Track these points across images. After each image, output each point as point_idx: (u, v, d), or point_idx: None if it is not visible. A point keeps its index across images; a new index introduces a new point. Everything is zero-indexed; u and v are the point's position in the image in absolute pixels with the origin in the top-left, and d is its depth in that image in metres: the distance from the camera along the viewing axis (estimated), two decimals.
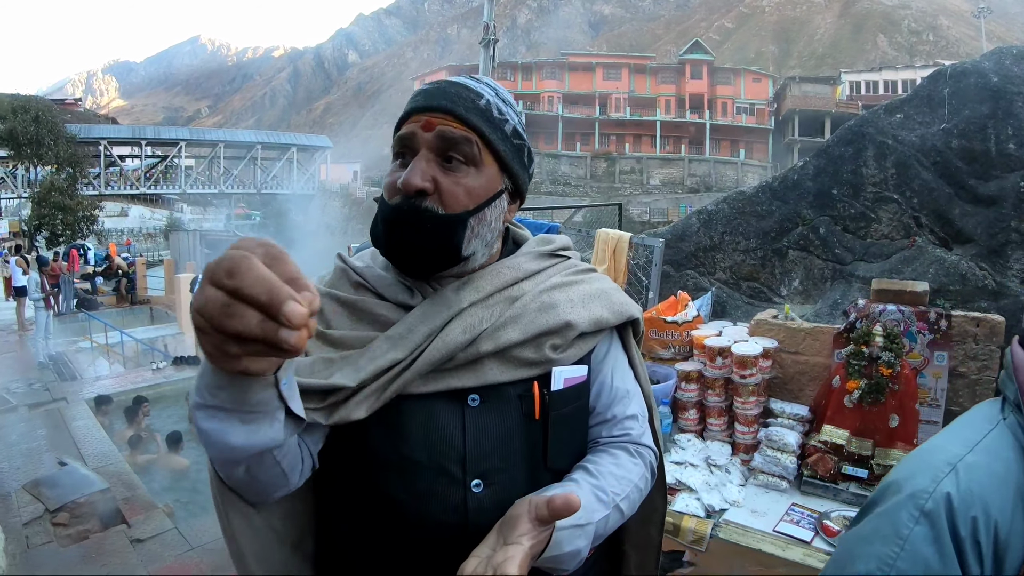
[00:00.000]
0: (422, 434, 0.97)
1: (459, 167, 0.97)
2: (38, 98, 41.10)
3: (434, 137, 0.96)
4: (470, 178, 0.98)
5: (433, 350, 0.96)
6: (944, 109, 3.69)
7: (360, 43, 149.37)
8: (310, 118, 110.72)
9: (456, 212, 0.97)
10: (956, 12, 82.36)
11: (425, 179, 0.94)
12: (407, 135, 0.98)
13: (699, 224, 4.34)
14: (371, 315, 1.03)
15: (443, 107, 0.97)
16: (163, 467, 7.26)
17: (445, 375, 0.98)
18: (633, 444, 1.12)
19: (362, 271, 1.08)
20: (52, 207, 28.79)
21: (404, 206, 0.95)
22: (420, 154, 0.96)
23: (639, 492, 1.09)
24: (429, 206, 0.95)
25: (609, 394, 1.13)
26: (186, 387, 10.01)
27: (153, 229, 41.92)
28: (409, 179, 0.94)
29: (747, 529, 2.25)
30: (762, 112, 55.30)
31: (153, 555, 4.54)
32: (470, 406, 0.99)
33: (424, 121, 0.97)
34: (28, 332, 13.09)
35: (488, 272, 1.05)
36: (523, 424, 1.02)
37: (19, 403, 8.42)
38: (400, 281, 1.05)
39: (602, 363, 1.13)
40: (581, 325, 1.05)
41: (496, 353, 1.00)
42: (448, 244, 0.97)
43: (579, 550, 0.93)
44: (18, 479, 5.74)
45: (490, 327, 0.99)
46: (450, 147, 0.96)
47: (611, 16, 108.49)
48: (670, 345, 3.07)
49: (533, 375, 1.02)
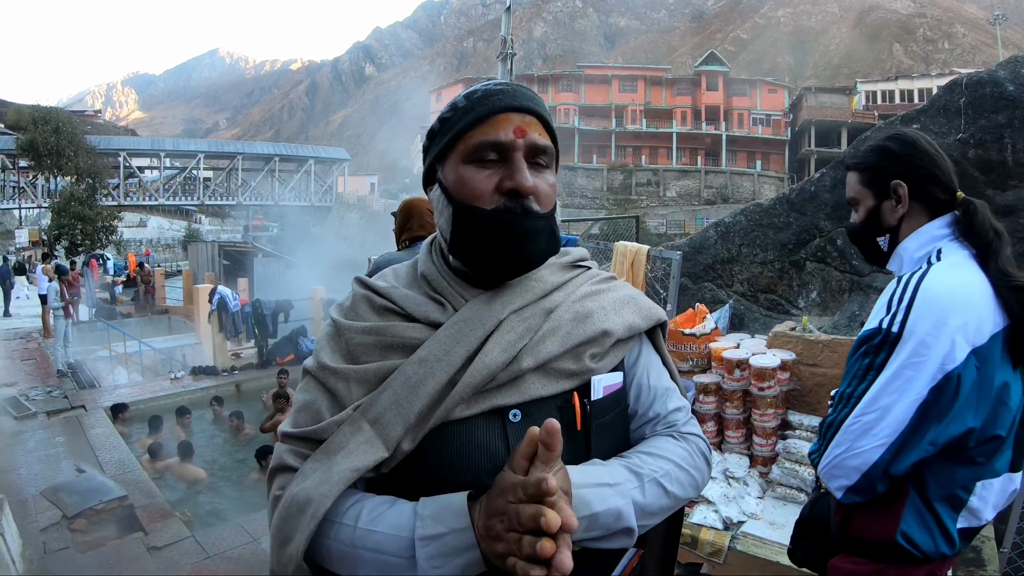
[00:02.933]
0: (464, 455, 0.94)
1: (543, 170, 1.00)
2: (59, 109, 41.70)
3: (527, 143, 0.97)
4: (551, 178, 1.02)
5: (474, 373, 0.94)
6: (960, 119, 3.67)
7: (377, 56, 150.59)
8: (328, 131, 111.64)
9: (549, 211, 1.00)
10: (972, 20, 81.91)
11: (532, 181, 0.97)
12: (505, 143, 0.97)
13: (716, 236, 4.33)
14: (402, 340, 1.00)
15: (531, 109, 1.00)
16: (179, 477, 7.29)
17: (487, 395, 0.96)
18: (678, 432, 1.10)
19: (387, 292, 1.06)
20: (72, 217, 29.21)
21: (516, 208, 0.96)
22: (517, 158, 0.97)
23: (686, 473, 1.05)
24: (534, 207, 0.97)
25: (649, 394, 1.11)
26: (203, 396, 10.10)
27: (171, 240, 42.41)
28: (525, 181, 0.95)
29: (765, 542, 2.23)
30: (778, 123, 55.15)
31: (170, 563, 4.56)
32: (512, 422, 0.97)
33: (516, 127, 0.97)
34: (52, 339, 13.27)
35: (517, 284, 1.04)
36: (565, 436, 0.92)
37: (38, 410, 8.51)
38: (430, 298, 1.03)
39: (635, 366, 1.12)
40: (617, 332, 1.05)
41: (537, 368, 0.98)
42: (552, 241, 1.01)
43: (617, 510, 0.90)
44: (36, 485, 5.80)
45: (530, 342, 0.98)
46: (538, 152, 0.99)
47: (627, 28, 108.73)
48: (688, 357, 3.06)
49: (573, 386, 1.00)
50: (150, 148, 45.75)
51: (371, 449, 0.91)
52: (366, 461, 0.91)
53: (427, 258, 1.10)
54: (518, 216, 0.95)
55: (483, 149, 0.97)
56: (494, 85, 1.02)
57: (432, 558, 0.82)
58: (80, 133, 35.78)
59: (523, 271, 1.02)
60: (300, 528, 0.89)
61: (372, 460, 0.91)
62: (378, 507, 0.90)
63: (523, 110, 0.99)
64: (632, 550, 1.08)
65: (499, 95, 1.00)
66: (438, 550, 0.82)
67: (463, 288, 1.03)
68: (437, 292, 1.04)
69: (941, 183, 1.50)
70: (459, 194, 0.99)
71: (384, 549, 0.85)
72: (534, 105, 1.01)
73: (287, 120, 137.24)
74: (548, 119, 1.03)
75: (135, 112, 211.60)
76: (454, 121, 1.01)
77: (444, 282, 1.04)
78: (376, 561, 0.86)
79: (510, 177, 0.95)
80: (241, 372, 11.55)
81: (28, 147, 32.38)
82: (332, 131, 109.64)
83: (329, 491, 0.89)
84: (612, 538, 0.91)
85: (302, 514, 0.89)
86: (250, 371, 11.60)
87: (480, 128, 0.98)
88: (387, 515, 0.88)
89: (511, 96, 1.00)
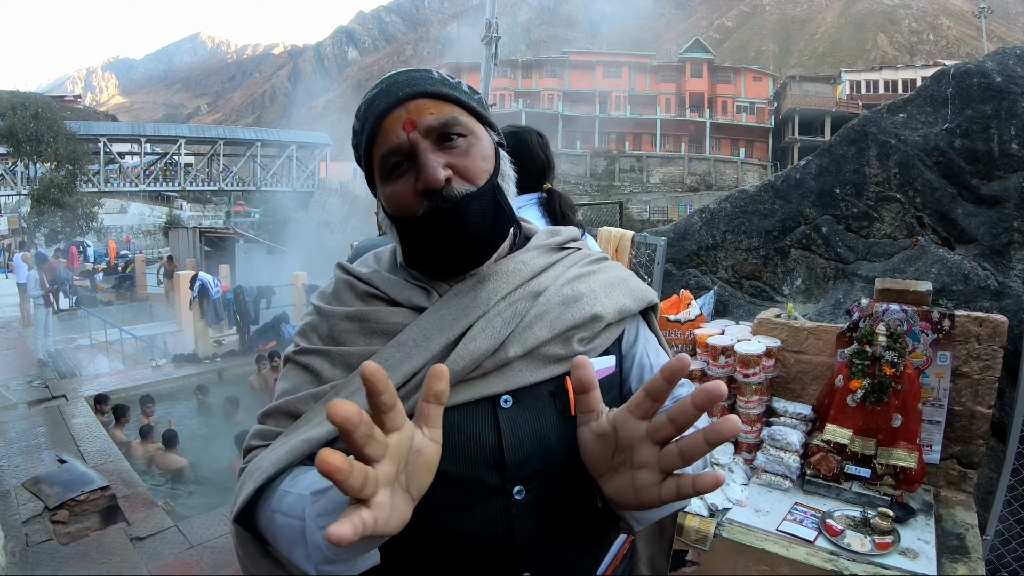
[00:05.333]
0: (451, 443, 0.83)
1: (459, 142, 0.93)
2: (38, 95, 40.93)
3: (423, 131, 0.91)
4: (475, 147, 0.95)
5: (457, 360, 0.90)
6: (947, 109, 3.68)
7: (360, 40, 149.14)
8: (310, 115, 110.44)
9: (484, 182, 0.94)
10: (957, 12, 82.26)
11: (443, 168, 0.90)
12: (401, 145, 0.91)
13: (701, 223, 4.33)
14: (385, 325, 0.96)
15: (412, 93, 0.93)
16: (161, 466, 7.24)
17: (473, 383, 0.92)
18: None
19: (369, 278, 1.02)
20: (51, 204, 28.81)
21: (442, 204, 0.90)
22: (421, 152, 0.91)
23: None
24: (460, 189, 0.91)
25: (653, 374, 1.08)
26: (185, 384, 10.03)
27: (152, 226, 41.84)
28: (430, 175, 0.89)
29: (750, 528, 2.24)
30: (762, 111, 55.24)
31: (153, 553, 4.53)
32: (503, 407, 0.93)
33: (404, 123, 0.91)
34: (32, 328, 13.12)
35: (503, 268, 1.00)
36: (559, 422, 0.95)
37: (19, 400, 8.41)
38: (413, 282, 1.00)
39: (634, 347, 1.09)
40: (607, 316, 1.01)
41: (524, 355, 0.94)
42: (500, 213, 0.95)
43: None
44: (17, 476, 5.73)
45: (516, 328, 0.94)
46: (442, 130, 0.92)
47: (611, 14, 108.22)
48: (673, 344, 3.06)
49: (563, 371, 0.96)
50: (130, 133, 44.97)
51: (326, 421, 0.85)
52: (319, 433, 0.87)
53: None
54: (445, 211, 0.90)
55: (388, 159, 0.93)
56: (372, 89, 0.97)
57: (318, 516, 0.72)
58: (59, 119, 35.18)
59: (481, 258, 0.97)
60: (242, 493, 0.85)
61: (325, 432, 0.86)
62: (307, 468, 0.84)
63: (405, 99, 0.92)
64: (623, 536, 1.08)
65: (377, 99, 0.95)
66: (323, 506, 0.72)
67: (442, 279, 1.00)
68: (418, 280, 1.00)
69: (530, 172, 2.00)
70: (392, 211, 0.96)
71: (292, 511, 0.78)
72: (415, 87, 0.93)
73: (269, 105, 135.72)
74: (441, 89, 0.95)
75: (115, 97, 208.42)
76: (357, 146, 0.98)
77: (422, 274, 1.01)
78: (287, 526, 0.78)
79: (418, 178, 0.90)
80: (223, 359, 11.47)
81: (6, 133, 31.77)
82: (315, 116, 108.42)
83: (277, 459, 0.85)
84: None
85: (249, 479, 0.86)
86: (232, 358, 11.52)
87: (377, 142, 0.94)
88: (309, 474, 0.81)
89: (387, 92, 0.94)
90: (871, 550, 2.06)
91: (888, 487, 2.37)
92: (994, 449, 2.80)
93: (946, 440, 2.54)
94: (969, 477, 2.54)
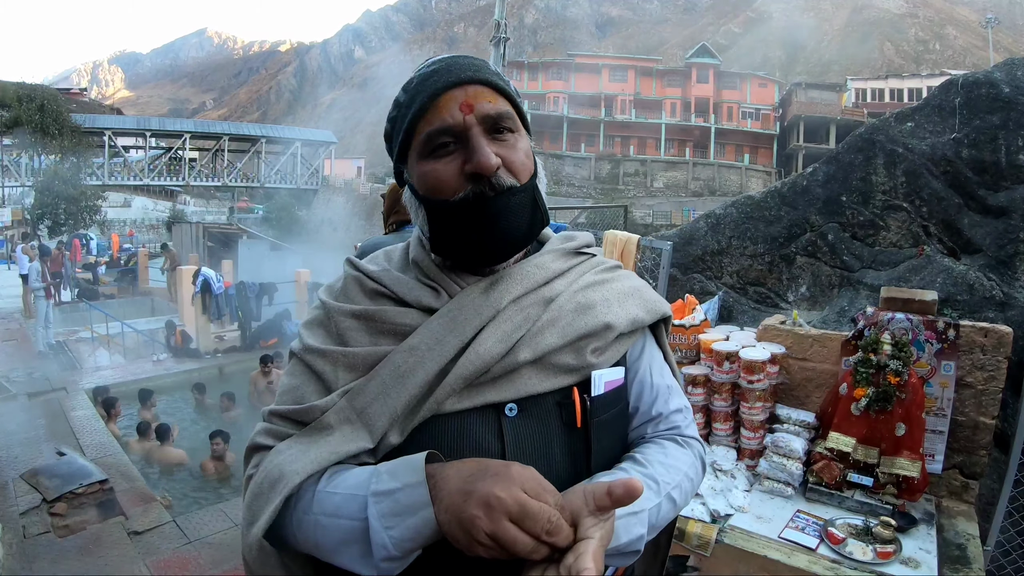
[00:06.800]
0: (456, 451, 0.88)
1: (508, 136, 0.92)
2: (44, 87, 41.16)
3: (479, 116, 0.90)
4: (520, 143, 0.94)
5: (466, 364, 0.88)
6: (955, 119, 3.68)
7: (367, 39, 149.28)
8: (315, 113, 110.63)
9: (527, 180, 0.93)
10: (963, 22, 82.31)
11: (495, 155, 0.89)
12: (454, 125, 0.89)
13: (707, 228, 4.33)
14: (393, 325, 0.95)
15: (474, 78, 0.92)
16: (159, 461, 7.22)
17: (481, 388, 0.90)
18: (681, 436, 1.07)
19: (378, 276, 1.00)
20: (55, 196, 28.84)
21: (486, 190, 0.89)
22: (474, 135, 0.89)
23: (691, 482, 1.03)
24: (507, 180, 0.90)
25: (651, 392, 1.07)
26: (186, 379, 10.01)
27: (156, 220, 42.02)
28: (484, 160, 0.87)
29: (752, 535, 2.24)
30: (767, 117, 55.19)
31: (151, 547, 4.52)
32: (507, 416, 0.91)
33: (462, 104, 0.89)
34: (34, 319, 13.13)
35: (516, 271, 0.98)
36: (564, 433, 0.94)
37: (19, 392, 8.39)
38: (423, 282, 0.98)
39: (638, 361, 1.08)
40: (620, 326, 1.00)
41: (534, 361, 0.92)
42: (536, 214, 0.95)
43: (639, 537, 0.87)
44: (16, 468, 5.72)
45: (527, 333, 0.92)
46: (497, 121, 0.91)
47: (618, 18, 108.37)
48: (677, 348, 3.06)
49: (571, 382, 0.94)
50: (136, 127, 45.12)
51: (355, 437, 0.87)
52: (348, 448, 0.87)
53: (418, 245, 1.04)
54: (490, 198, 0.88)
55: (435, 138, 0.91)
56: (428, 66, 0.96)
57: (384, 516, 0.76)
58: (65, 111, 35.34)
59: (509, 254, 0.96)
60: (268, 504, 0.84)
61: (355, 448, 0.87)
62: (343, 471, 0.85)
63: (465, 82, 0.91)
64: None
65: (435, 76, 0.92)
66: (390, 508, 0.76)
67: (456, 276, 0.98)
68: (430, 279, 0.98)
69: None
70: (425, 191, 0.93)
71: (342, 512, 0.80)
72: (476, 73, 0.92)
73: (275, 102, 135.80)
74: (498, 82, 0.94)
75: (121, 91, 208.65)
76: (400, 118, 0.96)
77: (436, 269, 0.99)
78: (335, 527, 0.80)
79: (469, 159, 0.88)
80: (224, 355, 11.45)
81: (12, 125, 31.88)
82: (320, 114, 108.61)
83: (303, 468, 0.84)
84: (616, 558, 0.88)
85: (272, 490, 0.85)
86: (233, 354, 11.50)
87: (426, 117, 0.91)
88: (349, 476, 0.83)
89: (447, 72, 0.92)
90: (873, 559, 2.06)
91: (890, 496, 2.36)
92: (996, 460, 2.79)
93: (949, 450, 2.53)
94: (971, 487, 2.54)
